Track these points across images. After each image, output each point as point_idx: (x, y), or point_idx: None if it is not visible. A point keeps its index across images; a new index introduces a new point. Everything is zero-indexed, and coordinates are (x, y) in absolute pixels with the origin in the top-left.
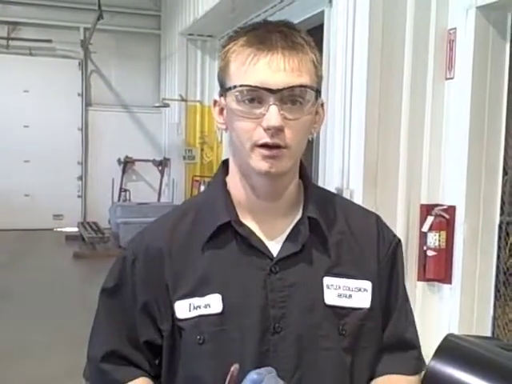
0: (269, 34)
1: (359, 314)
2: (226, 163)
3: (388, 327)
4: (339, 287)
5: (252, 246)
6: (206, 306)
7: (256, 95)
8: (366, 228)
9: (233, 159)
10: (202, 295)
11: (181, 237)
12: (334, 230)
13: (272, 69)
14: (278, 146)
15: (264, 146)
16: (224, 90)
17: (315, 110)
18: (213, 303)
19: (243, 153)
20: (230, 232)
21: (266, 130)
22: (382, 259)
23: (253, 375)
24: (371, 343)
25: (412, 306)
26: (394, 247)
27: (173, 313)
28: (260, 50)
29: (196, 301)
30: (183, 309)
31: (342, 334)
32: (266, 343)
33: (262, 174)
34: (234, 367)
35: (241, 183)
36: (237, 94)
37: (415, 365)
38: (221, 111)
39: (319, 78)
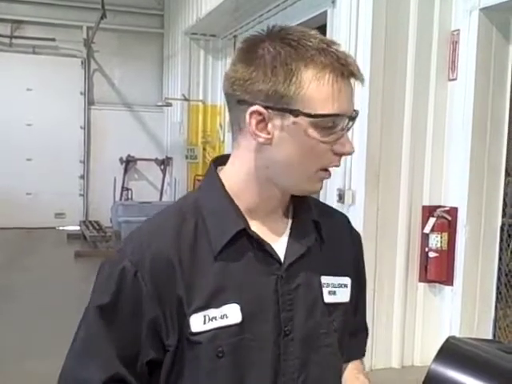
0: (347, 60)
1: (342, 308)
2: (215, 162)
3: (357, 315)
4: (329, 285)
5: (263, 252)
6: (222, 317)
7: (335, 122)
8: (342, 227)
9: (254, 171)
10: (218, 306)
11: (187, 244)
12: (324, 230)
13: (349, 96)
14: None
15: (325, 169)
16: (296, 112)
17: None
18: (230, 313)
19: (298, 176)
20: (243, 239)
21: (340, 154)
22: (355, 255)
23: None
24: (347, 334)
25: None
26: (360, 243)
27: (182, 327)
28: (343, 77)
29: (211, 312)
30: (198, 322)
31: (334, 330)
32: (278, 347)
33: (312, 193)
34: None
35: (256, 188)
36: (320, 120)
37: (365, 347)
38: (262, 123)
39: None
